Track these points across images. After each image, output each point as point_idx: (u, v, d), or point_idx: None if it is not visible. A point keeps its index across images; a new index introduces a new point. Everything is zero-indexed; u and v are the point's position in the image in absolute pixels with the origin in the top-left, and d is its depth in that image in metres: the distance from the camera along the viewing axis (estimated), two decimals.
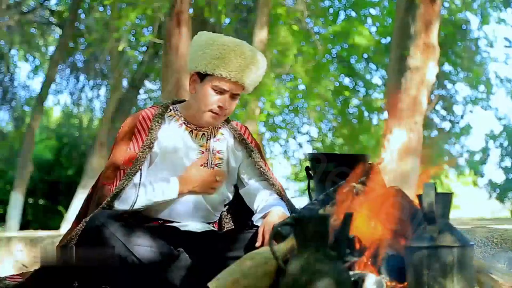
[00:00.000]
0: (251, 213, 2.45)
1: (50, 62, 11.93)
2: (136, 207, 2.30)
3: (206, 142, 2.44)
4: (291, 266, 1.63)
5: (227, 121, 2.51)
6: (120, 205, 2.29)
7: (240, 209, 2.54)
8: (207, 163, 2.43)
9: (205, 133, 2.44)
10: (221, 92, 2.32)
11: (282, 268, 1.65)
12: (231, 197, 2.53)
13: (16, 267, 4.05)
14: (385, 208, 1.85)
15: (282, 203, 2.40)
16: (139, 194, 2.30)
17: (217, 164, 2.45)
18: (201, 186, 2.37)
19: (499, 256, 2.43)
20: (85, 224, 2.22)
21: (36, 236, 4.29)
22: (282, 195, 2.44)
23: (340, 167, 2.21)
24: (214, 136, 2.46)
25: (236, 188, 2.55)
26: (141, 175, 2.33)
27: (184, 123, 2.42)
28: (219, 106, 2.32)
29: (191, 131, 2.42)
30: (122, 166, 2.33)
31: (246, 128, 2.57)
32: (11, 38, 13.40)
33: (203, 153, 2.43)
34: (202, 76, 2.33)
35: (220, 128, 2.48)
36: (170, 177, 2.37)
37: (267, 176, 2.45)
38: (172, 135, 2.40)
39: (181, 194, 2.35)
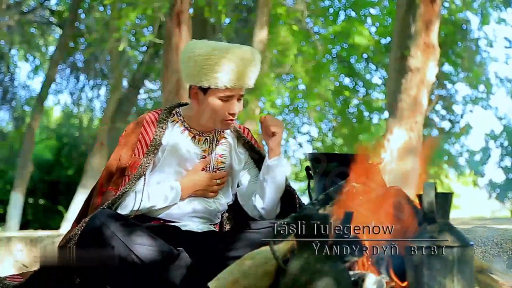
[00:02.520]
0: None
1: (50, 62, 11.93)
2: (138, 212, 2.31)
3: (209, 147, 2.46)
4: (291, 266, 1.63)
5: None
6: (121, 210, 2.31)
7: (240, 210, 2.54)
8: (209, 167, 2.45)
9: (208, 137, 2.46)
10: (227, 99, 2.33)
11: (282, 268, 1.65)
12: (232, 198, 2.55)
13: (16, 267, 4.05)
14: (385, 208, 1.85)
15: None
16: (142, 199, 2.31)
17: (219, 168, 2.47)
18: (202, 190, 2.41)
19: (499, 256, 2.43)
20: (85, 224, 2.23)
21: (36, 236, 4.29)
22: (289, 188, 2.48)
23: (340, 167, 2.21)
24: (217, 140, 2.48)
25: None
26: (144, 181, 2.34)
27: (187, 129, 2.44)
28: (230, 113, 2.34)
29: (194, 136, 2.44)
30: (127, 172, 2.35)
31: (249, 130, 2.59)
32: (11, 38, 13.40)
33: (205, 157, 2.44)
34: (204, 90, 2.33)
35: (223, 131, 2.50)
36: (172, 183, 2.38)
37: None
38: (175, 140, 2.41)
39: (182, 199, 2.38)
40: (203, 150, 2.44)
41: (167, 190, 2.37)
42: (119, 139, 2.46)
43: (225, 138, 2.50)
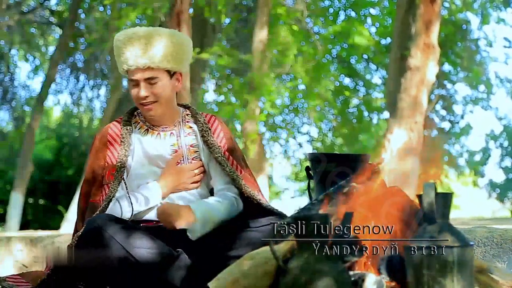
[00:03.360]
0: (251, 212, 2.45)
1: (50, 62, 11.93)
2: (123, 218, 2.30)
3: (177, 140, 2.44)
4: (291, 266, 1.63)
5: (195, 115, 2.48)
6: None
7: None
8: (183, 159, 2.43)
9: (174, 131, 2.44)
10: (135, 83, 2.34)
11: (282, 268, 1.65)
12: (208, 189, 2.52)
13: (16, 267, 4.05)
14: (385, 208, 1.85)
15: (213, 204, 2.34)
16: (122, 206, 2.30)
17: (194, 158, 2.45)
18: (182, 183, 2.38)
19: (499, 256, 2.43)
20: (84, 229, 2.23)
21: (36, 236, 4.29)
22: (244, 189, 2.37)
23: (340, 167, 2.21)
24: (184, 131, 2.46)
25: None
26: (126, 185, 2.33)
27: (149, 128, 2.43)
28: (138, 97, 2.34)
29: (158, 133, 2.43)
30: (105, 180, 2.35)
31: (216, 118, 2.53)
32: (11, 38, 13.40)
33: (176, 151, 2.42)
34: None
35: (188, 122, 2.48)
36: (150, 184, 2.37)
37: (230, 171, 2.39)
38: (141, 142, 2.41)
39: (164, 197, 2.35)
40: (171, 145, 2.43)
41: (146, 191, 2.35)
42: (89, 152, 2.47)
43: (191, 127, 2.47)
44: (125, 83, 13.28)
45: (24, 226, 11.65)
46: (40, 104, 11.51)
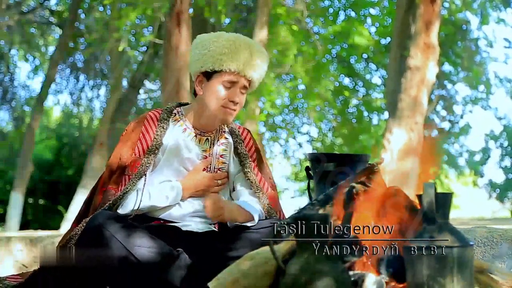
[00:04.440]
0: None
1: (50, 62, 11.92)
2: (138, 211, 2.30)
3: (210, 147, 2.44)
4: (291, 266, 1.63)
5: (231, 126, 2.50)
6: (122, 210, 2.30)
7: None
8: (210, 167, 2.44)
9: (209, 137, 2.44)
10: (230, 86, 2.32)
11: (282, 268, 1.65)
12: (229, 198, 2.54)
13: (16, 267, 4.05)
14: (385, 208, 1.84)
15: (254, 208, 2.37)
16: (142, 199, 2.30)
17: (220, 168, 2.46)
18: (203, 190, 2.39)
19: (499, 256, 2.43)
20: (84, 224, 2.23)
21: (36, 236, 4.29)
22: (266, 208, 2.41)
23: (340, 167, 2.21)
24: (218, 140, 2.46)
25: None
26: (145, 180, 2.34)
27: (188, 128, 2.43)
28: (231, 101, 2.32)
29: (195, 135, 2.42)
30: (127, 171, 2.34)
31: (248, 131, 2.56)
32: (11, 38, 13.39)
33: (206, 157, 2.43)
34: (208, 75, 2.33)
35: (224, 132, 2.48)
36: (173, 183, 2.38)
37: (256, 187, 2.43)
38: (176, 140, 2.40)
39: (183, 199, 2.37)
40: (203, 150, 2.43)
41: (168, 190, 2.36)
42: (120, 137, 2.45)
43: (226, 138, 2.48)
44: (125, 83, 13.30)
45: (24, 226, 11.65)
46: (40, 104, 11.50)
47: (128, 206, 2.30)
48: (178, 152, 2.40)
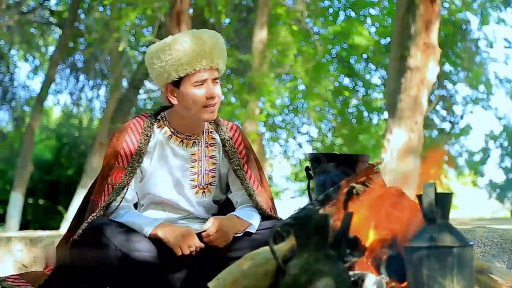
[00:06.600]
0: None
1: (50, 62, 11.93)
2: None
3: (198, 150, 2.41)
4: (291, 266, 1.63)
5: (218, 123, 2.46)
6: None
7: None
8: (200, 170, 2.41)
9: (196, 140, 2.40)
10: (202, 83, 2.28)
11: (282, 268, 1.65)
12: (223, 197, 2.52)
13: (16, 267, 4.05)
14: (385, 208, 1.85)
15: (250, 213, 2.36)
16: (122, 214, 2.28)
17: (211, 169, 2.42)
18: (174, 242, 2.19)
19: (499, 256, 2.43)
20: (82, 230, 2.22)
21: (36, 236, 4.29)
22: (260, 207, 2.38)
23: (340, 167, 2.21)
24: (206, 141, 2.43)
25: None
26: (127, 190, 2.30)
27: (173, 134, 2.38)
28: (208, 98, 2.28)
29: (181, 141, 2.38)
30: (111, 181, 2.30)
31: (238, 127, 2.52)
32: (11, 38, 13.39)
33: (195, 160, 2.40)
34: (177, 83, 2.29)
35: (211, 132, 2.44)
36: (152, 215, 2.34)
37: (247, 184, 2.39)
38: (162, 147, 2.37)
39: (152, 235, 2.22)
40: (192, 154, 2.39)
41: (144, 219, 2.26)
42: (106, 149, 2.42)
43: (214, 138, 2.44)
44: (125, 83, 13.31)
45: (24, 226, 11.65)
46: (40, 104, 11.50)
47: (115, 217, 2.28)
48: (166, 158, 2.37)
